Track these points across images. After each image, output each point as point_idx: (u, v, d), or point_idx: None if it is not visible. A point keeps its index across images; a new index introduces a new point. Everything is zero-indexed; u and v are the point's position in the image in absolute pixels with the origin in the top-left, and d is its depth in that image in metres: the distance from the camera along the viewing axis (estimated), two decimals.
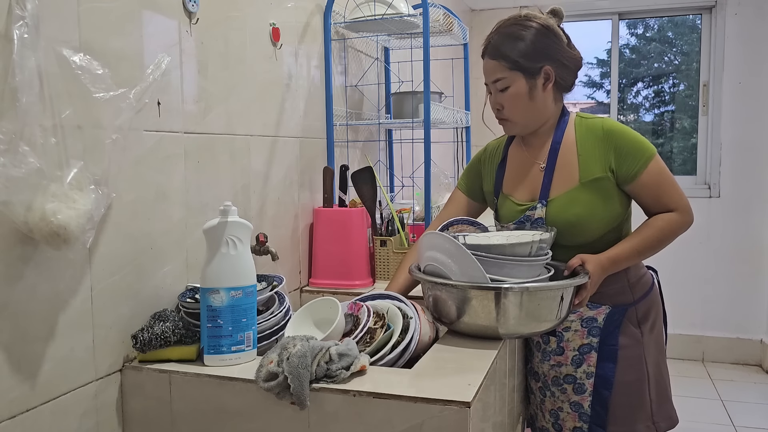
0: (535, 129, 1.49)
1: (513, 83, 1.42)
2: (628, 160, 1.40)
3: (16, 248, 0.97)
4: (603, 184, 1.41)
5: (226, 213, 1.18)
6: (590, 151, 1.42)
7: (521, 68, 1.40)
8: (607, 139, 1.41)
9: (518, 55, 1.40)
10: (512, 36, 1.41)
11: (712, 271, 3.88)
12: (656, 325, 1.53)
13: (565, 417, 1.52)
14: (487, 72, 1.45)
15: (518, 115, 1.45)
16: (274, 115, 1.71)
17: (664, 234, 1.41)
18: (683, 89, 4.26)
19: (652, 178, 1.40)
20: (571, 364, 1.49)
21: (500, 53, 1.41)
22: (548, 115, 1.47)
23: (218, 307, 1.15)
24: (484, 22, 4.20)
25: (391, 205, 2.00)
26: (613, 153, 1.40)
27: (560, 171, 1.44)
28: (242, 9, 1.55)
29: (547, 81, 1.42)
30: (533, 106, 1.43)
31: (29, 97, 0.92)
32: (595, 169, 1.41)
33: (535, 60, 1.40)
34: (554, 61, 1.42)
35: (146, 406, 1.16)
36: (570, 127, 1.47)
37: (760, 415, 3.16)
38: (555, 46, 1.42)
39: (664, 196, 1.42)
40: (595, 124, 1.45)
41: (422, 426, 0.98)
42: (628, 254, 1.40)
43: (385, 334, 1.28)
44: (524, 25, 1.42)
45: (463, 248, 1.24)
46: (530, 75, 1.41)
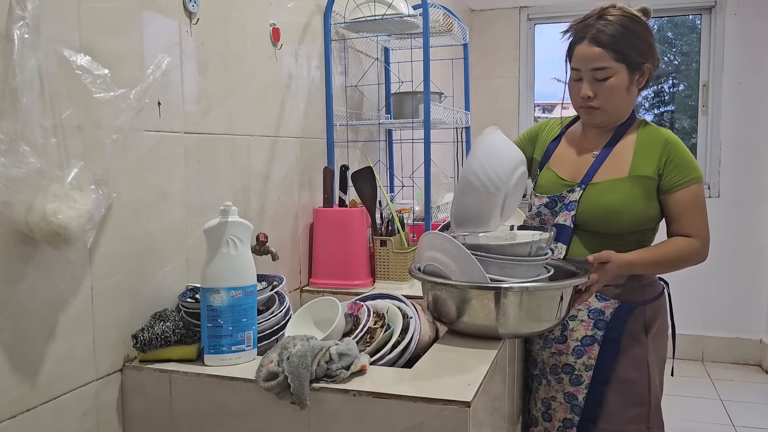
0: (615, 122, 1.50)
1: (616, 74, 1.41)
2: (675, 172, 1.43)
3: (17, 248, 0.97)
4: (648, 183, 1.44)
5: (227, 213, 1.18)
6: (647, 151, 1.45)
7: (628, 61, 1.41)
8: (665, 147, 1.45)
9: (630, 48, 1.40)
10: (626, 29, 1.40)
11: (712, 271, 3.88)
12: (659, 333, 1.53)
13: (557, 407, 1.51)
14: (588, 58, 1.41)
15: (612, 106, 1.45)
16: (274, 115, 1.72)
17: (681, 255, 1.44)
18: (683, 89, 4.26)
19: (688, 198, 1.43)
20: (572, 354, 1.49)
21: (610, 42, 1.39)
22: (628, 110, 1.50)
23: (218, 307, 1.15)
24: (484, 23, 4.21)
25: (391, 205, 2.00)
26: (666, 159, 1.44)
27: (611, 161, 1.47)
28: (242, 9, 1.55)
29: (642, 77, 1.45)
30: (627, 99, 1.46)
31: (30, 98, 0.92)
32: (647, 168, 1.44)
33: (642, 56, 1.42)
34: (653, 59, 1.45)
35: (146, 405, 1.16)
36: (633, 128, 1.50)
37: (760, 415, 3.16)
38: (654, 45, 1.45)
39: (691, 219, 1.45)
40: (660, 131, 1.48)
41: (422, 426, 0.98)
42: (645, 263, 1.42)
43: (385, 334, 1.28)
44: (633, 18, 1.42)
45: (463, 248, 1.25)
46: (633, 69, 1.42)
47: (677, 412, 3.13)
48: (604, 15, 1.42)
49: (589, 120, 1.51)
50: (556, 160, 1.56)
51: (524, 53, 4.17)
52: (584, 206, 1.44)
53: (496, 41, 4.18)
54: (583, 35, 1.42)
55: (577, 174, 1.50)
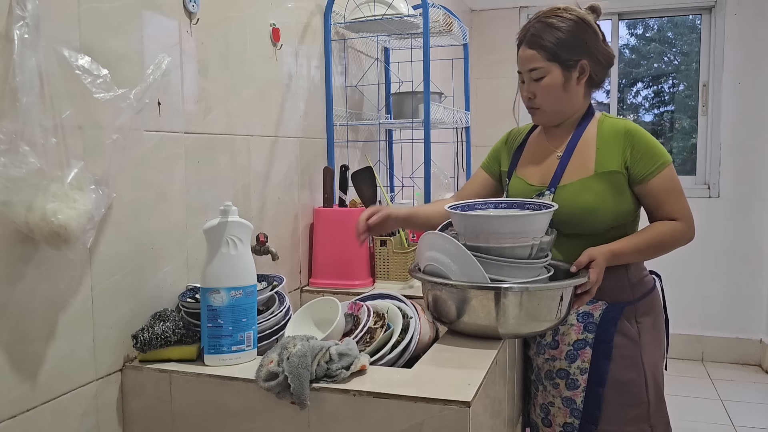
0: (562, 120, 1.51)
1: (549, 74, 1.44)
2: (643, 161, 1.42)
3: (17, 248, 0.97)
4: (617, 178, 1.43)
5: (227, 213, 1.18)
6: (609, 146, 1.45)
7: (559, 59, 1.43)
8: (627, 138, 1.44)
9: (557, 46, 1.42)
10: (552, 26, 1.43)
11: (712, 271, 3.89)
12: (656, 327, 1.52)
13: (556, 412, 1.51)
14: (523, 60, 1.47)
15: (550, 105, 1.47)
16: (274, 116, 1.72)
17: (666, 239, 1.43)
18: (683, 89, 4.26)
19: (662, 184, 1.42)
20: (565, 359, 1.48)
21: (539, 43, 1.43)
22: (577, 108, 1.50)
23: (218, 307, 1.15)
24: (483, 23, 4.21)
25: (391, 205, 2.00)
26: (630, 151, 1.43)
27: (575, 161, 1.46)
28: (242, 9, 1.55)
29: (582, 75, 1.45)
30: (566, 97, 1.46)
31: (30, 98, 0.92)
32: (612, 163, 1.43)
33: (573, 53, 1.43)
34: (590, 55, 1.45)
35: (146, 405, 1.16)
36: (593, 123, 1.50)
37: (760, 415, 3.16)
38: (592, 41, 1.45)
39: (670, 204, 1.43)
40: (618, 123, 1.47)
41: (422, 426, 0.98)
42: (630, 250, 1.41)
43: (385, 334, 1.28)
44: (564, 17, 1.44)
45: (463, 248, 1.25)
46: (567, 67, 1.44)
47: (677, 412, 3.12)
48: (540, 17, 1.46)
49: (534, 120, 1.55)
50: (523, 166, 1.57)
51: None
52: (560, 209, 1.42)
53: (496, 41, 4.18)
54: (521, 39, 1.48)
55: (545, 178, 1.50)
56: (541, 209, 1.32)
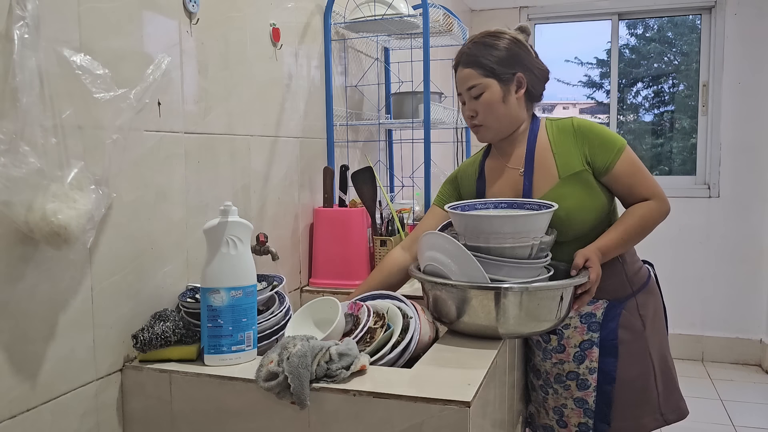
0: (507, 135, 1.52)
1: (487, 89, 1.46)
2: (601, 152, 1.44)
3: (17, 248, 0.97)
4: (583, 176, 1.44)
5: (227, 213, 1.18)
6: (565, 147, 1.46)
7: (495, 74, 1.46)
8: (579, 134, 1.45)
9: (493, 61, 1.46)
10: (486, 45, 1.48)
11: (712, 271, 3.88)
12: (657, 316, 1.54)
13: (570, 413, 1.53)
14: (461, 81, 1.50)
15: (492, 120, 1.49)
16: (274, 116, 1.72)
17: (645, 221, 1.44)
18: (683, 89, 4.26)
19: (624, 168, 1.44)
20: (573, 361, 1.51)
21: (475, 61, 1.47)
22: (520, 121, 1.51)
23: (218, 307, 1.15)
24: (484, 23, 4.20)
25: (391, 205, 2.01)
26: (587, 146, 1.44)
27: (539, 172, 1.47)
28: (242, 9, 1.55)
29: (520, 88, 1.47)
30: (506, 111, 1.48)
31: (30, 98, 0.92)
32: (574, 163, 1.44)
33: (508, 66, 1.46)
34: (526, 69, 1.47)
35: (146, 405, 1.16)
36: (542, 130, 1.51)
37: (760, 415, 3.16)
38: (526, 56, 1.48)
39: (638, 186, 1.45)
40: (566, 123, 1.49)
41: (422, 426, 0.98)
42: (616, 243, 1.42)
43: (385, 334, 1.28)
44: (497, 36, 1.49)
45: (463, 248, 1.25)
46: (504, 81, 1.46)
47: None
48: (474, 40, 1.51)
49: (479, 138, 1.55)
50: (491, 194, 1.55)
51: None
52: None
53: None
54: (457, 62, 1.52)
55: (516, 197, 1.49)
56: (541, 209, 1.32)
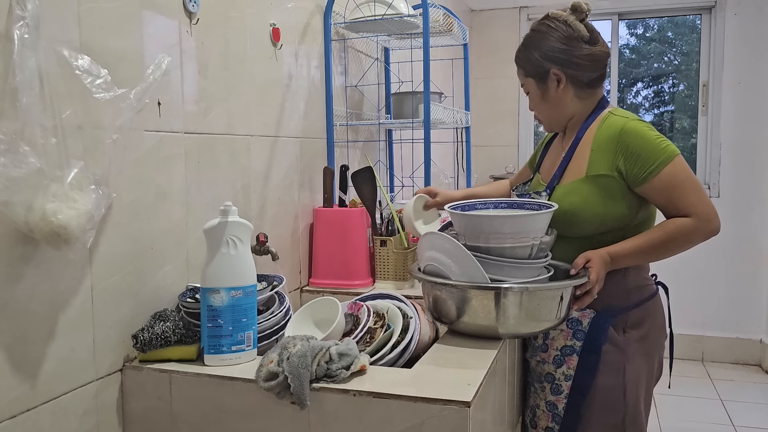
0: (561, 126, 1.56)
1: (530, 88, 1.53)
2: (639, 162, 1.37)
3: (17, 248, 0.97)
4: (607, 182, 1.39)
5: (227, 213, 1.18)
6: (602, 147, 1.41)
7: (531, 74, 1.50)
8: (620, 140, 1.39)
9: (527, 63, 1.51)
10: (525, 45, 1.52)
11: (712, 271, 3.88)
12: (649, 339, 1.46)
13: (540, 415, 1.49)
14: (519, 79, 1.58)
15: (542, 114, 1.56)
16: (274, 115, 1.72)
17: (672, 238, 1.36)
18: (683, 89, 4.26)
19: (665, 181, 1.35)
20: (552, 363, 1.47)
21: (518, 61, 1.54)
22: (569, 112, 1.51)
23: (218, 307, 1.15)
24: (484, 23, 4.21)
25: (391, 205, 2.00)
26: (622, 154, 1.38)
27: (575, 161, 1.47)
28: (242, 9, 1.55)
29: (559, 83, 1.47)
30: (549, 107, 1.52)
31: (30, 98, 0.92)
32: (602, 166, 1.40)
33: (541, 65, 1.47)
34: (560, 62, 1.45)
35: (146, 405, 1.16)
36: (596, 122, 1.47)
37: (760, 415, 3.16)
38: (562, 47, 1.44)
39: (678, 200, 1.36)
40: (616, 123, 1.43)
41: (422, 426, 0.98)
42: (630, 252, 1.37)
43: (385, 334, 1.28)
44: (537, 30, 1.50)
45: (463, 248, 1.25)
46: (540, 79, 1.49)
47: (677, 412, 3.13)
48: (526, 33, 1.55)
49: (544, 128, 1.62)
50: (543, 167, 1.63)
51: None
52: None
53: (496, 41, 4.18)
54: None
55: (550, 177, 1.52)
56: (541, 209, 1.32)
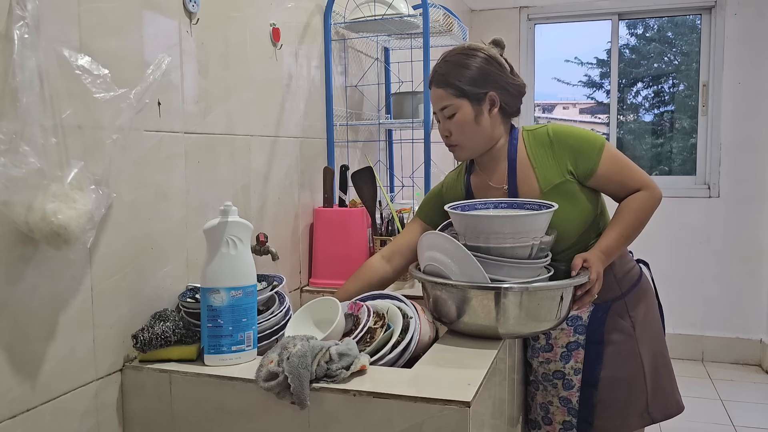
0: (483, 152, 1.50)
1: (459, 110, 1.44)
2: (583, 156, 1.42)
3: (17, 248, 0.97)
4: (565, 187, 1.43)
5: (227, 213, 1.18)
6: (544, 159, 1.45)
7: (467, 95, 1.43)
8: (556, 143, 1.44)
9: (464, 82, 1.43)
10: (458, 64, 1.44)
11: (712, 271, 3.88)
12: (649, 314, 1.54)
13: (555, 411, 1.54)
14: (434, 100, 1.48)
15: (465, 140, 1.47)
16: (274, 116, 1.72)
17: (640, 213, 1.43)
18: (683, 89, 4.26)
19: (609, 166, 1.42)
20: (560, 360, 1.52)
21: (446, 81, 1.44)
22: (495, 138, 1.48)
23: (218, 307, 1.15)
24: (484, 23, 4.21)
25: (391, 205, 2.00)
26: (567, 154, 1.43)
27: (522, 188, 1.46)
28: (242, 9, 1.55)
29: (493, 106, 1.45)
30: (479, 130, 1.45)
31: (30, 97, 0.92)
32: (553, 175, 1.43)
33: (479, 86, 1.43)
34: (499, 87, 1.44)
35: (146, 405, 1.16)
36: (520, 144, 1.49)
37: (760, 415, 3.16)
38: (498, 73, 1.45)
39: (627, 180, 1.44)
40: (542, 133, 1.47)
41: (422, 426, 0.98)
42: (617, 242, 1.41)
43: (385, 334, 1.28)
44: (469, 54, 1.45)
45: (463, 248, 1.25)
46: (476, 101, 1.44)
47: None
48: (446, 58, 1.47)
49: (456, 157, 1.54)
50: None
51: (524, 53, 4.17)
52: None
53: None
54: (431, 81, 1.49)
55: None
56: (541, 209, 1.32)
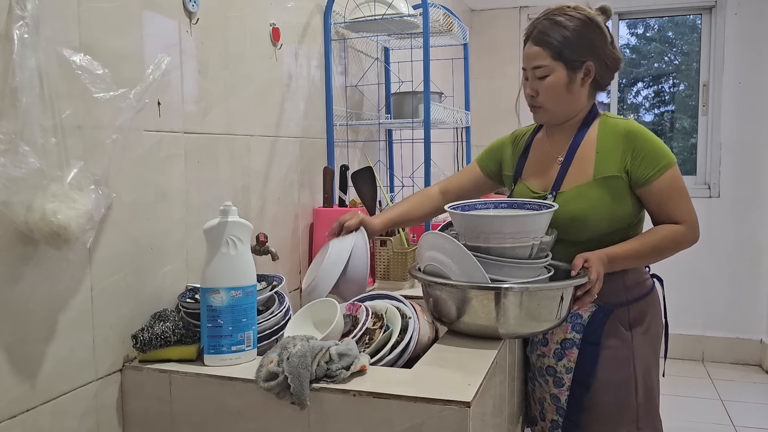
0: (563, 121, 1.49)
1: (553, 72, 1.41)
2: (644, 164, 1.39)
3: (17, 248, 0.97)
4: (616, 183, 1.40)
5: (227, 213, 1.18)
6: (609, 149, 1.42)
7: (564, 59, 1.40)
8: (627, 140, 1.41)
9: (563, 45, 1.39)
10: (560, 24, 1.40)
11: (712, 271, 3.88)
12: (651, 330, 1.49)
13: (547, 407, 1.51)
14: (528, 57, 1.44)
15: (551, 104, 1.45)
16: (274, 115, 1.72)
17: (665, 243, 1.40)
18: (683, 89, 4.26)
19: (664, 187, 1.39)
20: (553, 357, 1.48)
21: (545, 41, 1.40)
22: (579, 109, 1.47)
23: (218, 307, 1.15)
24: (484, 23, 4.21)
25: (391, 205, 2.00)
26: (630, 154, 1.40)
27: (576, 166, 1.45)
28: (242, 9, 1.55)
29: (587, 76, 1.43)
30: (568, 98, 1.44)
31: (29, 97, 0.92)
32: (611, 167, 1.41)
33: (579, 53, 1.40)
34: (597, 57, 1.42)
35: (146, 406, 1.16)
36: (594, 126, 1.47)
37: (760, 415, 3.16)
38: (599, 42, 1.42)
39: (673, 207, 1.40)
40: (618, 124, 1.44)
41: (422, 426, 0.98)
42: (627, 254, 1.39)
43: (384, 335, 1.28)
44: (573, 15, 1.41)
45: (463, 248, 1.24)
46: (572, 67, 1.41)
47: (677, 412, 3.13)
48: (549, 15, 1.43)
49: (536, 119, 1.52)
50: (527, 172, 1.55)
51: None
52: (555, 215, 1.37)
53: (496, 41, 4.18)
54: (528, 35, 1.45)
55: (547, 184, 1.48)
56: (541, 209, 1.32)
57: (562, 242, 1.40)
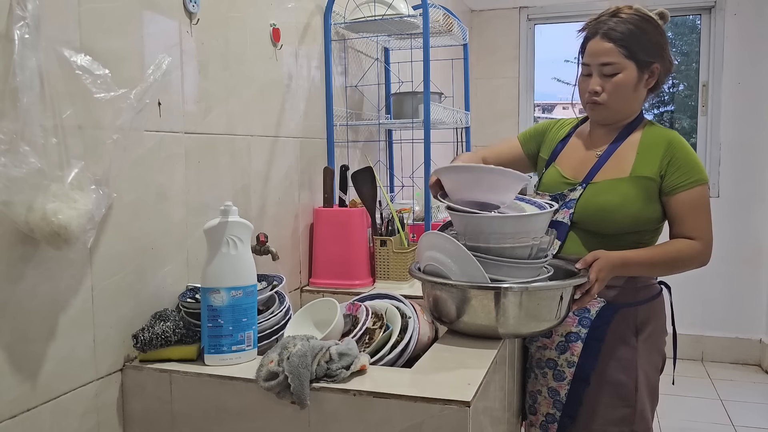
0: (618, 121, 1.50)
1: (624, 71, 1.42)
2: (678, 173, 1.42)
3: (17, 248, 0.97)
4: (649, 184, 1.43)
5: (227, 213, 1.18)
6: (649, 152, 1.45)
7: (637, 59, 1.42)
8: (668, 147, 1.44)
9: (639, 46, 1.41)
10: (635, 26, 1.42)
11: (712, 271, 3.83)
12: (653, 336, 1.50)
13: (542, 401, 1.52)
14: (596, 53, 1.44)
15: (615, 102, 1.46)
16: (274, 116, 1.72)
17: (681, 256, 1.43)
18: (683, 89, 4.27)
19: (690, 199, 1.42)
20: (555, 350, 1.49)
21: (620, 38, 1.41)
22: (635, 110, 1.50)
23: (219, 307, 1.15)
24: (484, 23, 4.21)
25: (391, 205, 2.00)
26: (669, 162, 1.43)
27: (613, 161, 1.47)
28: (242, 9, 1.55)
29: (651, 78, 1.46)
30: (632, 97, 1.46)
31: (30, 98, 0.92)
32: (648, 169, 1.44)
33: (650, 54, 1.43)
34: (662, 60, 1.45)
35: (147, 405, 1.17)
36: (639, 128, 1.50)
37: (760, 415, 3.16)
38: (666, 47, 1.46)
39: (693, 222, 1.43)
40: (663, 132, 1.48)
41: (422, 425, 0.99)
42: (641, 261, 1.41)
43: (384, 335, 1.28)
44: (645, 18, 1.44)
45: (463, 248, 1.25)
46: (642, 68, 1.43)
47: (677, 412, 3.13)
48: (618, 13, 1.45)
49: (594, 115, 1.52)
50: (562, 158, 1.58)
51: (524, 53, 4.17)
52: (581, 205, 1.44)
53: (496, 41, 4.18)
54: (596, 31, 1.45)
55: (580, 173, 1.50)
56: (541, 209, 1.32)
57: (585, 231, 1.43)
